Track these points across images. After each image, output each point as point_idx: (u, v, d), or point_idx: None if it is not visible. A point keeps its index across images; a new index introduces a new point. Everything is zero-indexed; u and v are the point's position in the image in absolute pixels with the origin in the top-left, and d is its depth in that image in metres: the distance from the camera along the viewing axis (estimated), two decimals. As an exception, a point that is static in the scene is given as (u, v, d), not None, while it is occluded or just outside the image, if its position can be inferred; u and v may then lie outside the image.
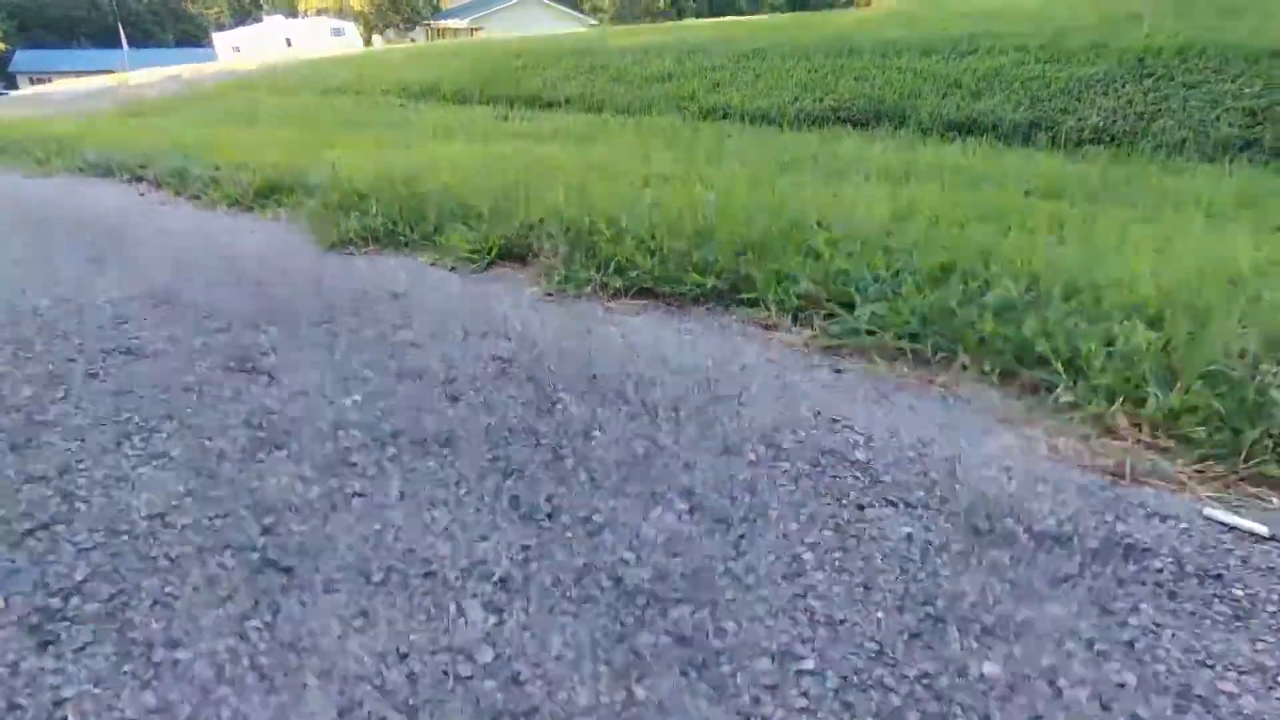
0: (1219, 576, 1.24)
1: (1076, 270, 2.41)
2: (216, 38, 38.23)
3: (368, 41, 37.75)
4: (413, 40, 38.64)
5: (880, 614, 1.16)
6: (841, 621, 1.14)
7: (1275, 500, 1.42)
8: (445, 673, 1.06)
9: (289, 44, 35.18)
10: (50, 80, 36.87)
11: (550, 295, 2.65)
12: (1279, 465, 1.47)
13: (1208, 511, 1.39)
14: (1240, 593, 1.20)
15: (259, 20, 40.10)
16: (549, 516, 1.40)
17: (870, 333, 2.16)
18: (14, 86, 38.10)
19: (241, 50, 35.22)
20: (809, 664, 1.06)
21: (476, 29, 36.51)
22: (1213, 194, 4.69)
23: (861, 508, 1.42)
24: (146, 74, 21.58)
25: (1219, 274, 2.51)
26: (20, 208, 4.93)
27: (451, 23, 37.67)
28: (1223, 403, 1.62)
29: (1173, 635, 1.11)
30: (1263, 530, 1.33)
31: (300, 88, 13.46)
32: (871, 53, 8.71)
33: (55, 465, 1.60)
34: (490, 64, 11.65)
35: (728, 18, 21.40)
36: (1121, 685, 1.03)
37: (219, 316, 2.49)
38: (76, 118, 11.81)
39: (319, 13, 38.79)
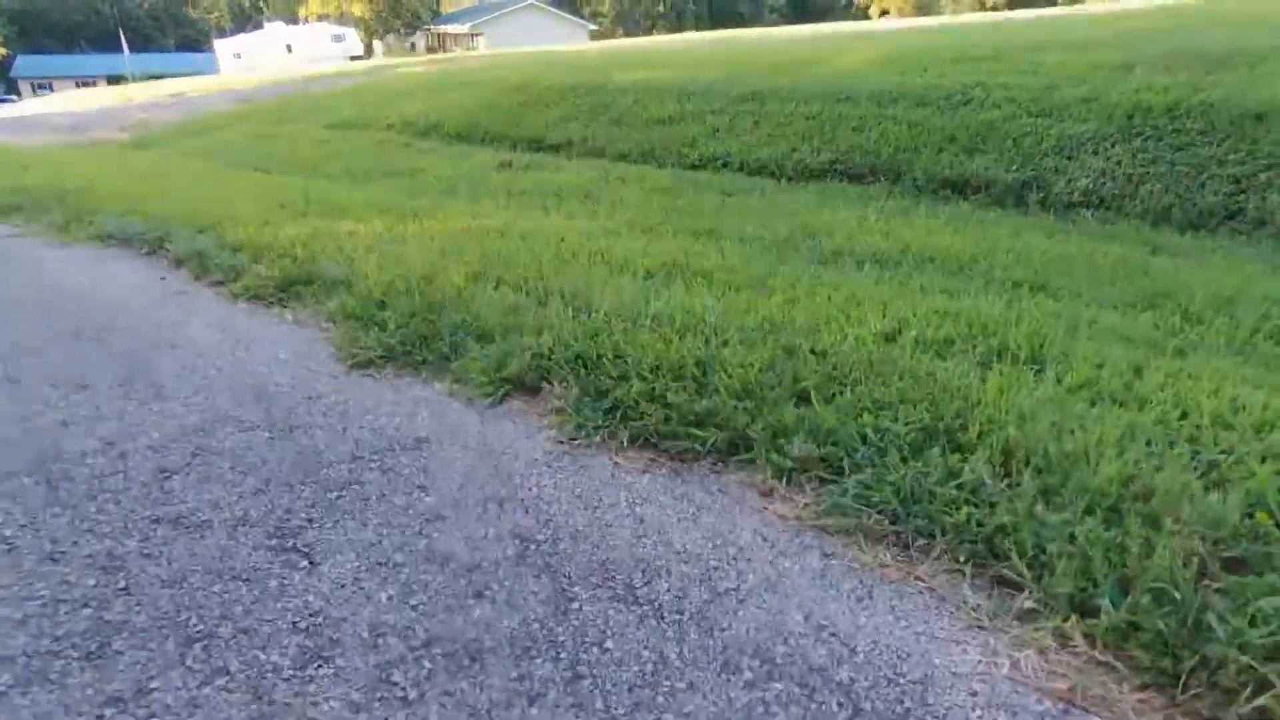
0: (1147, 834, 1.45)
1: (1049, 427, 2.62)
2: (218, 44, 38.30)
3: (368, 47, 37.85)
4: (413, 46, 38.75)
5: None
6: None
7: (1204, 741, 1.62)
8: None
9: (289, 50, 35.29)
10: (52, 88, 37.01)
11: (562, 443, 2.86)
12: (1212, 700, 1.67)
13: (1143, 756, 1.59)
14: None
15: (259, 26, 40.17)
16: (570, 756, 1.61)
17: (856, 509, 2.36)
18: (15, 92, 38.21)
19: (242, 57, 35.34)
20: None
21: (477, 34, 36.61)
22: (1195, 283, 4.91)
23: (843, 744, 1.63)
24: (149, 89, 21.77)
25: (1183, 429, 2.72)
26: (49, 298, 5.13)
27: (452, 28, 37.77)
28: (1165, 622, 1.82)
29: None
30: (1189, 780, 1.53)
31: (303, 117, 13.64)
32: (869, 100, 8.89)
33: (129, 684, 1.80)
34: (492, 99, 11.82)
35: (729, 30, 21.49)
36: None
37: (255, 473, 2.70)
38: (86, 153, 12.00)
39: (320, 18, 38.90)
